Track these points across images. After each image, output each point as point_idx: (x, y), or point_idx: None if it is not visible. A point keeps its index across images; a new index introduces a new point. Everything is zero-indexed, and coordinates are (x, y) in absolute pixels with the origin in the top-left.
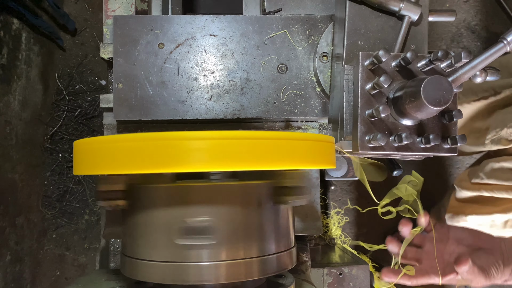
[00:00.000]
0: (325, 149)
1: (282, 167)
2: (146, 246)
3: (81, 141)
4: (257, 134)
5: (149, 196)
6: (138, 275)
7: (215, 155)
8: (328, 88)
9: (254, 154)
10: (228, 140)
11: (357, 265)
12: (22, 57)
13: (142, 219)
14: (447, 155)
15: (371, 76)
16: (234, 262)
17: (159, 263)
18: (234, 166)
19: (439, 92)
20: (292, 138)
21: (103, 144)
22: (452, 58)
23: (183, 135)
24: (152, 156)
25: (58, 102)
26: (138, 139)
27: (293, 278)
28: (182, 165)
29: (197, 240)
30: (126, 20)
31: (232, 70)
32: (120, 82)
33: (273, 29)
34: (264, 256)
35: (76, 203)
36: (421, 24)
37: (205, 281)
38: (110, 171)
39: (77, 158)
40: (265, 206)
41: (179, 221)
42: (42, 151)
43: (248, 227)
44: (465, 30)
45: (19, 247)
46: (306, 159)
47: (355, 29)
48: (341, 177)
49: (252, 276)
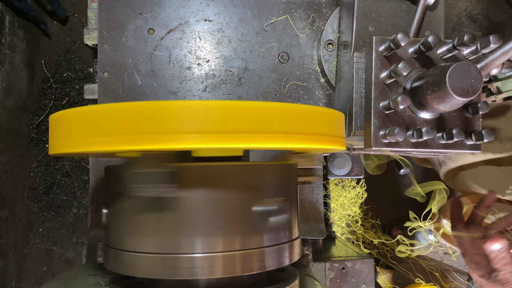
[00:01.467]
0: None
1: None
2: (131, 235)
3: (59, 113)
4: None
5: (138, 177)
6: (123, 268)
7: (215, 130)
8: (334, 79)
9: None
10: (231, 110)
11: (361, 259)
12: (6, 42)
13: (128, 203)
14: (470, 152)
15: (386, 64)
16: (231, 254)
17: (147, 255)
18: (236, 142)
19: (467, 80)
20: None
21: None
22: (478, 43)
23: (174, 104)
24: (140, 129)
25: (44, 90)
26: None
27: (297, 273)
28: (173, 142)
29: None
30: (113, 3)
31: (229, 58)
32: (105, 71)
33: (274, 14)
34: (264, 247)
35: (63, 196)
36: (437, 9)
37: (198, 275)
38: (89, 148)
39: (53, 134)
40: (269, 190)
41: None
42: (28, 141)
43: (246, 215)
44: (466, 19)
45: (3, 241)
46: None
47: (365, 13)
48: (345, 175)
49: (251, 270)
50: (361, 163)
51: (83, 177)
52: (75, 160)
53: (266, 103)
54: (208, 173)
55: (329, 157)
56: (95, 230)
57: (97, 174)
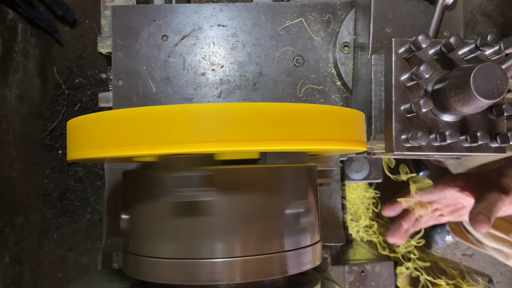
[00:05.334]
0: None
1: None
2: (152, 240)
3: (76, 119)
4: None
5: (159, 180)
6: (143, 274)
7: (235, 131)
8: (351, 82)
9: (283, 130)
10: (250, 111)
11: (380, 262)
12: (19, 49)
13: (147, 208)
14: (494, 155)
15: (406, 66)
16: (252, 259)
17: (166, 260)
18: (257, 144)
19: (492, 82)
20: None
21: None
22: (502, 43)
23: (195, 107)
24: (160, 133)
25: (57, 96)
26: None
27: (318, 277)
28: (194, 146)
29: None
30: (126, 11)
31: (243, 63)
32: (120, 79)
33: (288, 17)
34: (286, 251)
35: (77, 202)
36: (456, 8)
37: (218, 280)
38: (109, 153)
39: (71, 140)
40: (291, 193)
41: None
42: (41, 147)
43: (268, 218)
44: (480, 16)
45: (19, 248)
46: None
47: (382, 15)
48: (362, 179)
49: (272, 275)
50: (379, 166)
51: (96, 182)
52: (88, 166)
53: (285, 104)
54: (231, 176)
55: (346, 161)
56: (112, 239)
57: (112, 182)
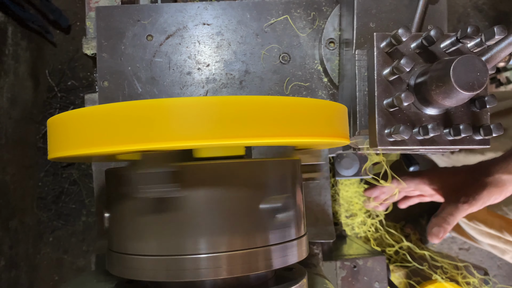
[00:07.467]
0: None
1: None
2: (134, 237)
3: (55, 117)
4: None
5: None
6: (127, 272)
7: (218, 125)
8: (337, 78)
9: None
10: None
11: (372, 257)
12: (9, 52)
13: (129, 205)
14: (478, 148)
15: (388, 60)
16: (236, 254)
17: (149, 258)
18: (240, 138)
19: (472, 74)
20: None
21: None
22: (482, 35)
23: (173, 101)
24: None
25: (49, 99)
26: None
27: (305, 271)
28: (173, 140)
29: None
30: (110, 11)
31: (229, 61)
32: (105, 80)
33: (273, 14)
34: (270, 245)
35: (72, 204)
36: (440, 2)
37: (203, 276)
38: (87, 149)
39: (51, 138)
40: (273, 187)
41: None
42: (35, 151)
43: (251, 213)
44: (472, 9)
45: (14, 252)
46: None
47: (365, 10)
48: (353, 175)
49: (257, 269)
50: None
51: (90, 185)
52: (82, 168)
53: (265, 96)
54: (211, 171)
55: (336, 157)
56: (102, 240)
57: (100, 183)
